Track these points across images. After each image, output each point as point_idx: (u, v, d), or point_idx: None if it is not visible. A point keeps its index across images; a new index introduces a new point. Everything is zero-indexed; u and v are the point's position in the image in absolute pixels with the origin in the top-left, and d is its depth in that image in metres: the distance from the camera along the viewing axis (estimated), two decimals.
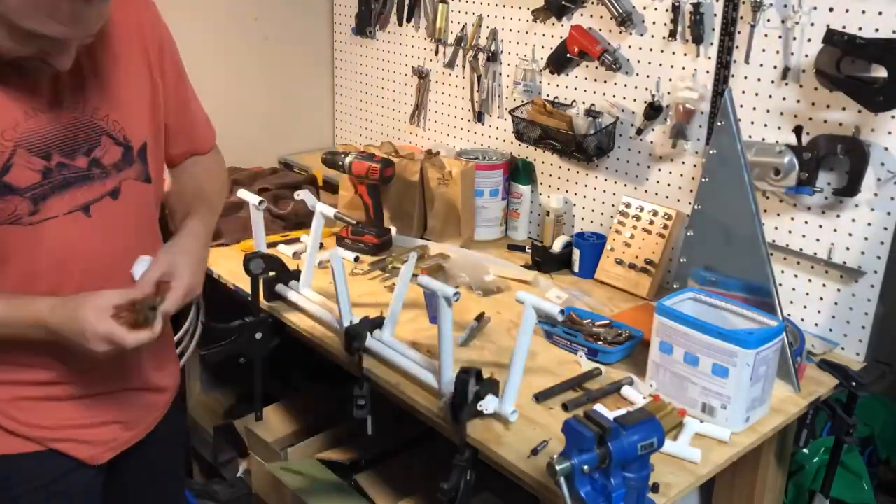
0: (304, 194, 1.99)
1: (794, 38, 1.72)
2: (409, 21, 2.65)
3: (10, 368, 1.25)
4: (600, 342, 1.69)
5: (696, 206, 1.71)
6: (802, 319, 1.81)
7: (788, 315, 1.78)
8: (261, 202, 1.92)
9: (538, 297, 1.41)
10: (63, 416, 1.30)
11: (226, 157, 1.58)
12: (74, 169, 1.20)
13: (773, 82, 1.78)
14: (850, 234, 1.71)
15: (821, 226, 1.76)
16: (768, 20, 1.75)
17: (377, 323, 1.69)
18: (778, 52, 1.75)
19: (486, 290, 2.01)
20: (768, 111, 1.80)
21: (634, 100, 2.06)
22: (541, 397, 1.52)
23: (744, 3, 1.78)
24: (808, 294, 1.80)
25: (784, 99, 1.77)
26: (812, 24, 1.68)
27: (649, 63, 2.01)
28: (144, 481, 1.49)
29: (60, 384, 1.28)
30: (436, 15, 2.53)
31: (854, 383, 1.64)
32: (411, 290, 1.72)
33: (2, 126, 1.13)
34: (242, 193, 1.98)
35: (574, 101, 2.20)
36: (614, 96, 2.11)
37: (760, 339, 1.44)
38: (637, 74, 2.04)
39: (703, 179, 1.69)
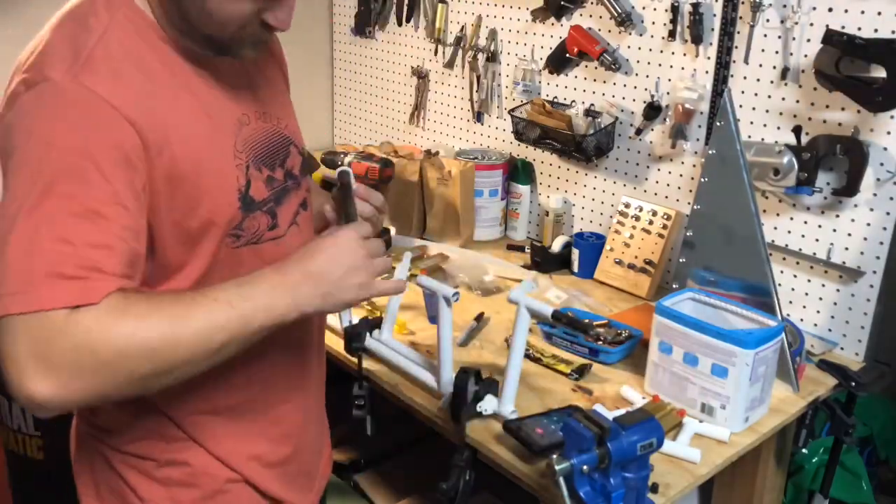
0: None
1: (794, 39, 1.72)
2: (408, 21, 2.65)
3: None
4: (600, 342, 1.69)
5: (695, 207, 1.71)
6: (802, 319, 1.81)
7: (787, 315, 1.78)
8: None
9: (531, 297, 1.41)
10: None
11: None
12: (278, 181, 1.13)
13: (772, 82, 1.78)
14: (850, 234, 1.71)
15: (820, 226, 1.76)
16: (767, 20, 1.75)
17: (376, 323, 1.69)
18: (777, 52, 1.75)
19: (486, 290, 2.01)
20: (767, 111, 1.80)
21: (634, 100, 2.06)
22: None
23: (743, 3, 1.78)
24: (807, 294, 1.80)
25: (783, 99, 1.77)
26: (811, 25, 1.68)
27: (648, 63, 2.01)
28: None
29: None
30: (435, 15, 2.53)
31: (853, 383, 1.64)
32: (410, 290, 1.72)
33: (233, 136, 1.06)
34: None
35: (573, 101, 2.20)
36: (613, 96, 2.11)
37: (759, 339, 1.44)
38: (636, 74, 2.04)
39: (703, 179, 1.69)
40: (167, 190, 0.98)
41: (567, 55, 2.15)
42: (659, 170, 2.05)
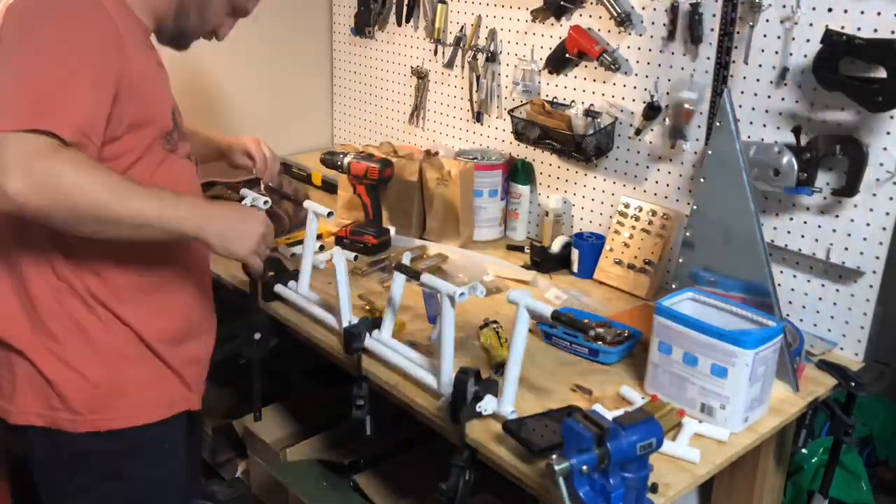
0: (308, 205, 1.93)
1: (793, 39, 1.72)
2: (408, 21, 2.65)
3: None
4: (600, 342, 1.69)
5: (694, 207, 1.71)
6: (801, 319, 1.81)
7: (787, 315, 1.78)
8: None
9: (530, 297, 1.41)
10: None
11: None
12: (178, 125, 1.48)
13: (771, 83, 1.78)
14: (849, 235, 1.71)
15: (819, 226, 1.76)
16: (767, 20, 1.75)
17: (375, 323, 1.69)
18: (777, 52, 1.75)
19: (486, 290, 2.01)
20: (767, 111, 1.80)
21: (633, 100, 2.06)
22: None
23: (742, 3, 1.78)
24: (806, 294, 1.80)
25: (783, 99, 1.77)
26: (811, 25, 1.68)
27: (648, 63, 2.01)
28: None
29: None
30: (435, 15, 2.53)
31: (853, 383, 1.64)
32: (409, 290, 1.72)
33: (167, 82, 1.46)
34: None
35: (573, 101, 2.20)
36: (613, 96, 2.11)
37: (759, 340, 1.44)
38: (636, 75, 2.04)
39: (702, 180, 1.69)
40: (128, 90, 1.27)
41: (567, 55, 2.15)
42: (658, 170, 2.05)
